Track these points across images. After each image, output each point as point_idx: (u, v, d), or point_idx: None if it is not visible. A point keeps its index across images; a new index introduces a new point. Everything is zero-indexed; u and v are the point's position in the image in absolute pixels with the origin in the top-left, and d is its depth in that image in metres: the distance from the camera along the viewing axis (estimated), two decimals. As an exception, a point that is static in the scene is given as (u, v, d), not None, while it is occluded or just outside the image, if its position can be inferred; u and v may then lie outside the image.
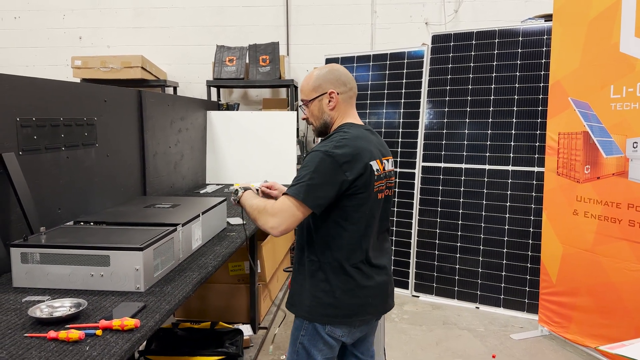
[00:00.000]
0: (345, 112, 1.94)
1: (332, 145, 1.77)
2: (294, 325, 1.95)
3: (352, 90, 1.95)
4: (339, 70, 1.94)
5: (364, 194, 1.80)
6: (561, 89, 3.46)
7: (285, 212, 1.74)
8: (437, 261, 4.35)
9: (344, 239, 1.81)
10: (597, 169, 3.23)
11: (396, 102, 4.61)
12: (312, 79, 1.94)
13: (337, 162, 1.73)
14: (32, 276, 1.83)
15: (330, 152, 1.74)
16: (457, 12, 5.53)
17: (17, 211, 2.15)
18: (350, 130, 1.85)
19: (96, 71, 5.18)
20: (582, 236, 3.31)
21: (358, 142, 1.81)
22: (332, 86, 1.91)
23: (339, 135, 1.82)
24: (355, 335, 1.94)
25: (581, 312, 3.35)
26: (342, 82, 1.92)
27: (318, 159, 1.74)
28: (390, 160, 1.99)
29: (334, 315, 1.85)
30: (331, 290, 1.83)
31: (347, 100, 1.94)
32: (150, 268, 1.87)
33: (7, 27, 6.00)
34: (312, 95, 1.93)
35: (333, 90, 1.90)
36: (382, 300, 1.95)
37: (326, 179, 1.73)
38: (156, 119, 3.55)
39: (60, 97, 2.50)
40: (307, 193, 1.72)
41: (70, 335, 1.41)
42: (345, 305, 1.85)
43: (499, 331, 3.73)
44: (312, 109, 1.94)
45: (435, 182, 4.37)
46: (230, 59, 5.38)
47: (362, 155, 1.78)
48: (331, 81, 1.91)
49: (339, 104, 1.92)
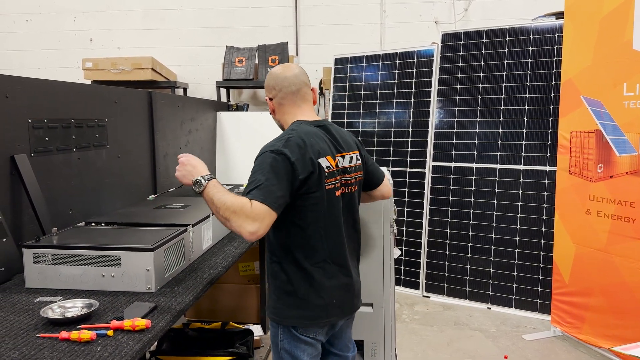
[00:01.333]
0: (289, 111, 1.94)
1: (280, 144, 1.74)
2: (271, 332, 1.90)
3: (284, 91, 1.92)
4: (271, 75, 1.97)
5: (317, 193, 1.76)
6: (573, 87, 3.42)
7: (264, 218, 1.62)
8: (448, 261, 4.32)
9: (302, 239, 1.78)
10: (610, 168, 3.19)
11: (406, 102, 4.59)
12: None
13: (289, 159, 1.70)
14: (44, 277, 1.84)
15: (280, 150, 1.71)
16: (466, 10, 5.50)
17: (29, 212, 2.17)
18: (297, 128, 1.83)
19: (107, 73, 5.21)
20: (595, 236, 3.27)
21: (306, 139, 1.77)
22: (267, 92, 1.98)
23: (286, 134, 1.80)
24: (328, 333, 1.92)
25: (594, 312, 3.32)
26: (271, 86, 1.95)
27: (270, 159, 1.70)
28: (350, 155, 1.92)
29: (299, 317, 1.81)
30: (294, 290, 1.80)
31: (282, 101, 1.94)
32: (161, 268, 1.87)
33: (20, 29, 6.06)
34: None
35: (267, 97, 1.98)
36: (348, 300, 1.91)
37: (281, 177, 1.68)
38: (166, 120, 3.56)
39: (71, 99, 2.51)
40: (270, 196, 1.64)
41: (82, 336, 1.42)
42: (310, 305, 1.80)
43: (510, 332, 3.70)
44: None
45: (445, 181, 4.34)
46: (239, 60, 5.39)
47: (310, 152, 1.75)
48: (266, 87, 1.98)
49: (278, 107, 1.96)
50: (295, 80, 1.92)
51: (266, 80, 1.97)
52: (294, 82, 1.92)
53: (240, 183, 4.64)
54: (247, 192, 1.67)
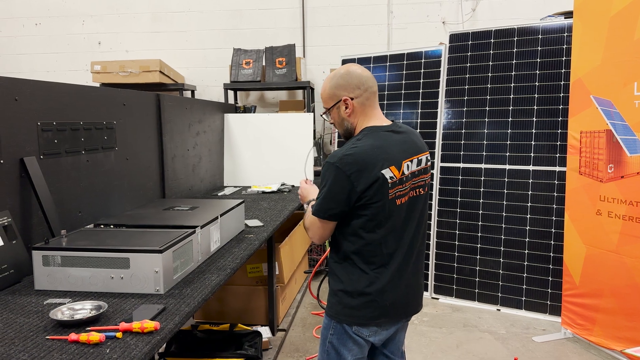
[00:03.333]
0: (365, 114, 1.91)
1: (341, 155, 1.78)
2: (323, 324, 1.98)
3: (369, 91, 1.90)
4: (350, 74, 1.89)
5: (378, 203, 1.77)
6: (583, 87, 3.40)
7: (313, 227, 1.89)
8: (456, 263, 4.30)
9: (363, 246, 1.83)
10: (621, 168, 3.16)
11: (414, 102, 4.58)
12: (327, 86, 1.93)
13: (345, 173, 1.75)
14: (54, 279, 1.84)
15: (339, 164, 1.76)
16: (474, 10, 5.47)
17: (38, 214, 2.18)
18: (364, 137, 1.83)
19: (115, 76, 5.24)
20: (606, 236, 3.24)
21: (369, 150, 1.78)
22: (345, 92, 1.89)
23: (350, 144, 1.82)
24: (383, 335, 1.94)
25: (605, 314, 3.28)
26: (355, 85, 1.88)
27: (330, 171, 1.78)
28: (419, 157, 1.92)
29: (357, 316, 1.87)
30: (352, 291, 1.86)
31: (365, 102, 1.89)
32: (170, 270, 1.88)
33: (29, 33, 6.11)
34: (330, 103, 1.94)
35: (347, 97, 1.88)
36: (406, 303, 1.94)
37: (337, 190, 1.78)
38: (174, 122, 3.57)
39: (80, 102, 2.52)
40: (322, 209, 1.83)
41: (90, 338, 1.42)
42: (367, 307, 1.85)
43: (520, 334, 3.67)
44: (333, 116, 1.96)
45: (454, 182, 4.32)
46: (247, 62, 5.40)
47: (372, 165, 1.75)
48: (344, 87, 1.89)
49: (359, 109, 1.89)
50: (374, 81, 1.93)
51: (344, 79, 1.89)
52: (375, 83, 1.93)
53: (248, 185, 4.66)
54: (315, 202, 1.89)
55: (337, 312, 1.90)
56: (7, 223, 1.99)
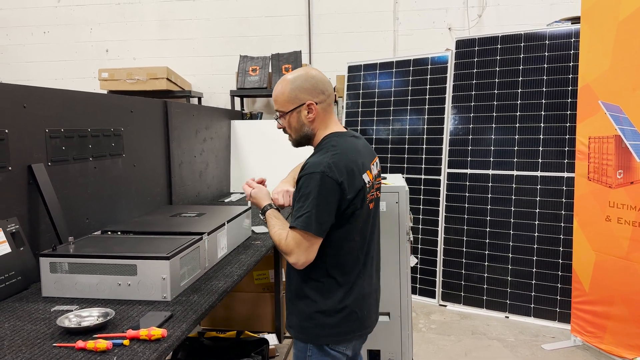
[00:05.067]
0: (326, 120, 1.82)
1: (326, 163, 1.66)
2: (297, 349, 1.84)
3: (331, 97, 1.82)
4: (315, 78, 1.79)
5: (360, 209, 1.74)
6: (591, 92, 3.38)
7: (300, 247, 1.67)
8: (464, 269, 4.27)
9: (342, 257, 1.76)
10: (630, 174, 3.13)
11: (420, 109, 4.57)
12: (287, 88, 1.78)
13: (337, 182, 1.65)
14: (61, 285, 1.84)
15: (327, 172, 1.65)
16: (480, 17, 5.47)
17: (46, 221, 2.18)
18: (339, 144, 1.75)
19: (122, 83, 5.26)
20: (616, 243, 3.21)
21: (350, 156, 1.72)
22: (309, 96, 1.77)
23: (331, 151, 1.71)
24: (358, 345, 1.90)
25: (616, 321, 3.25)
26: (320, 90, 1.78)
27: (317, 182, 1.64)
28: (376, 161, 1.91)
29: (338, 334, 1.79)
30: (332, 309, 1.76)
31: (327, 108, 1.81)
32: (177, 277, 1.87)
33: (37, 41, 6.16)
34: (288, 106, 1.79)
35: (312, 102, 1.77)
36: (376, 308, 1.92)
37: (328, 201, 1.66)
38: (181, 129, 3.58)
39: (88, 109, 2.53)
40: (316, 223, 1.65)
41: (98, 345, 1.41)
42: (348, 322, 1.78)
43: (529, 341, 3.64)
44: (289, 120, 1.81)
45: (461, 188, 4.30)
46: (253, 69, 5.41)
47: (356, 170, 1.71)
48: (308, 90, 1.77)
49: (319, 114, 1.79)
50: (332, 88, 1.85)
51: (309, 82, 1.77)
52: (333, 91, 1.87)
53: (255, 191, 4.65)
54: (295, 217, 1.68)
55: (317, 335, 1.78)
56: (14, 230, 1.99)
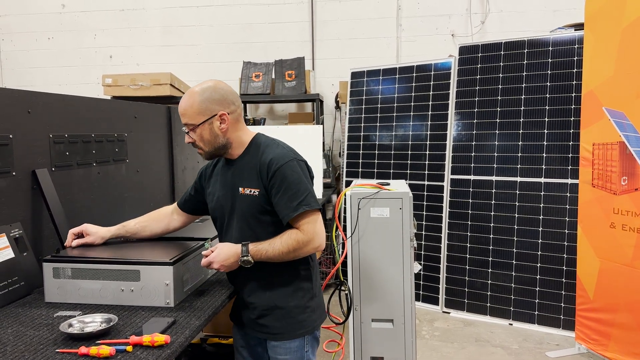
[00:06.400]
0: (239, 128, 1.87)
1: (290, 150, 1.83)
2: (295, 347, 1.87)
3: (240, 108, 1.88)
4: (223, 89, 1.83)
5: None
6: (594, 99, 3.37)
7: (316, 227, 1.77)
8: (468, 276, 4.25)
9: None
10: (634, 180, 3.12)
11: (423, 115, 4.57)
12: (195, 101, 1.79)
13: (306, 164, 1.85)
14: (64, 291, 1.84)
15: (298, 157, 1.82)
16: (483, 23, 5.48)
17: (49, 226, 2.18)
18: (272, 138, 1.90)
19: (126, 89, 5.28)
20: (621, 250, 3.19)
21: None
22: (220, 107, 1.80)
23: (278, 144, 1.86)
24: None
25: (621, 329, 3.22)
26: (230, 100, 1.82)
27: (297, 167, 1.79)
28: None
29: (322, 315, 1.94)
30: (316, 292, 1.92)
31: (238, 117, 1.86)
32: (180, 283, 1.86)
33: (42, 47, 6.19)
34: (198, 119, 1.79)
35: (224, 112, 1.80)
36: None
37: (309, 181, 1.83)
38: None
39: (92, 114, 2.54)
40: (317, 199, 1.80)
41: (101, 351, 1.41)
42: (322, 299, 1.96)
43: (534, 349, 3.61)
44: (201, 133, 1.81)
45: (464, 195, 4.29)
46: (256, 75, 5.43)
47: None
48: (218, 101, 1.80)
49: (234, 124, 1.84)
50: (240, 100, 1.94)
51: (218, 92, 1.81)
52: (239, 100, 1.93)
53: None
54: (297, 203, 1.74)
55: (311, 324, 1.89)
56: (18, 235, 1.99)
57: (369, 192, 2.63)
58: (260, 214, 1.81)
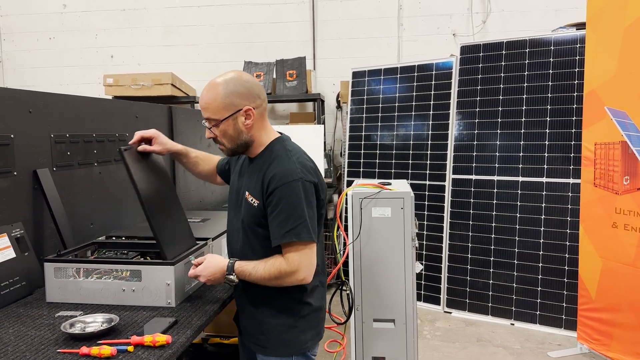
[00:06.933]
0: (263, 125, 1.74)
1: (298, 169, 1.63)
2: None
3: (265, 102, 1.75)
4: (249, 81, 1.69)
5: (325, 207, 1.77)
6: (596, 98, 3.36)
7: (305, 261, 1.62)
8: (469, 276, 4.24)
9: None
10: (636, 180, 3.11)
11: (424, 114, 4.56)
12: (219, 94, 1.65)
13: (314, 185, 1.66)
14: (65, 291, 1.83)
15: (304, 176, 1.63)
16: (485, 23, 5.47)
17: (50, 226, 2.18)
18: (292, 147, 1.73)
19: (127, 89, 5.28)
20: (623, 250, 3.18)
21: (307, 157, 1.73)
22: (246, 101, 1.66)
23: (291, 156, 1.68)
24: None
25: (623, 329, 3.22)
26: (256, 94, 1.69)
27: (299, 189, 1.61)
28: None
29: (316, 336, 1.79)
30: (309, 312, 1.75)
31: (263, 112, 1.73)
32: (182, 283, 1.86)
33: (43, 47, 6.19)
34: (223, 114, 1.66)
35: (250, 107, 1.66)
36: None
37: (312, 205, 1.65)
38: (186, 135, 3.58)
39: (93, 114, 2.54)
40: (312, 230, 1.62)
41: (102, 352, 1.40)
42: (320, 319, 1.80)
43: (535, 349, 3.61)
44: (224, 128, 1.68)
45: (466, 194, 4.28)
46: (257, 75, 5.42)
47: (318, 170, 1.73)
48: (244, 95, 1.66)
49: (257, 120, 1.70)
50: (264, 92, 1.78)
51: (244, 86, 1.67)
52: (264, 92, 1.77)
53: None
54: (289, 230, 1.59)
55: (304, 342, 1.75)
56: (19, 235, 1.99)
57: (370, 192, 2.63)
58: (256, 225, 1.70)
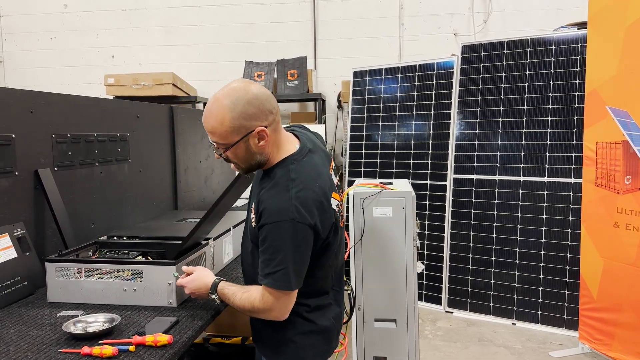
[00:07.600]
0: (278, 140, 1.56)
1: (293, 207, 1.44)
2: None
3: (279, 113, 1.56)
4: (257, 97, 1.48)
5: (334, 237, 1.60)
6: (598, 98, 3.36)
7: (279, 305, 1.51)
8: (471, 276, 4.24)
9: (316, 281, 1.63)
10: (638, 180, 3.10)
11: (426, 114, 4.56)
12: (226, 118, 1.45)
13: (310, 226, 1.45)
14: (67, 291, 1.83)
15: (297, 217, 1.43)
16: (486, 22, 5.46)
17: (52, 226, 2.18)
18: (298, 173, 1.51)
19: (128, 88, 5.28)
20: (625, 249, 3.18)
21: (314, 186, 1.50)
22: (258, 122, 1.47)
23: (292, 188, 1.47)
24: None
25: (625, 329, 3.21)
26: (268, 110, 1.49)
27: (288, 232, 1.43)
28: (333, 165, 1.73)
29: (323, 352, 1.72)
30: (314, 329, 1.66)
31: (277, 127, 1.54)
32: (183, 283, 1.86)
33: (44, 47, 6.19)
34: (232, 138, 1.47)
35: (262, 128, 1.48)
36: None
37: (303, 249, 1.48)
38: (187, 135, 3.58)
39: (94, 114, 2.54)
40: (295, 277, 1.47)
41: (103, 351, 1.41)
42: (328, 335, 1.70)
43: (537, 348, 3.60)
44: (235, 152, 1.51)
45: (467, 194, 4.28)
46: (258, 74, 5.42)
47: (325, 202, 1.52)
48: (255, 116, 1.47)
49: (271, 138, 1.51)
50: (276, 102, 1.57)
51: (253, 104, 1.46)
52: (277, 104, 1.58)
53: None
54: (266, 273, 1.48)
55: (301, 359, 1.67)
56: (21, 235, 1.99)
57: (371, 192, 2.63)
58: (252, 242, 1.62)
